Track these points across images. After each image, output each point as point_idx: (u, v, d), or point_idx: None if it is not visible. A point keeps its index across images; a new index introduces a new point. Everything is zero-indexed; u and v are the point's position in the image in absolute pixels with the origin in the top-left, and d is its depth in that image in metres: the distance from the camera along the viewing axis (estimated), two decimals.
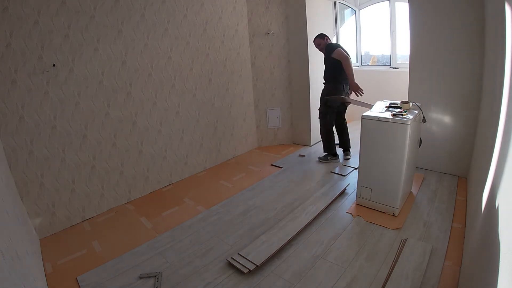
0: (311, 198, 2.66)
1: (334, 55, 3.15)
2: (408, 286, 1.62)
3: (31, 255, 1.64)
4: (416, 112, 2.27)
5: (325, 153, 3.55)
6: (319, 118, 3.47)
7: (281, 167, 3.42)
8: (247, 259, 1.90)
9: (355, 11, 5.28)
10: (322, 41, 3.35)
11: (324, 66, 3.42)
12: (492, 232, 1.03)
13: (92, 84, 2.50)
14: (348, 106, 5.54)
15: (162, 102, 3.00)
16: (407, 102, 2.31)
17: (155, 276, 1.85)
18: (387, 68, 4.96)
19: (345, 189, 2.78)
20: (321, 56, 4.05)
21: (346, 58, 3.10)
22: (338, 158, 3.50)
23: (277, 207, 2.59)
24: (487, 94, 2.11)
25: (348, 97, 3.32)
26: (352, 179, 2.96)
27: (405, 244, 1.95)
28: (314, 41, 3.39)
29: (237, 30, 3.62)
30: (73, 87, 2.40)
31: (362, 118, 2.29)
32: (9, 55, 2.07)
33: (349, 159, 3.52)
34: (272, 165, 3.53)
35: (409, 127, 2.09)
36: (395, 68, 4.79)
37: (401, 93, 3.46)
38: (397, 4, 4.61)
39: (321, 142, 3.81)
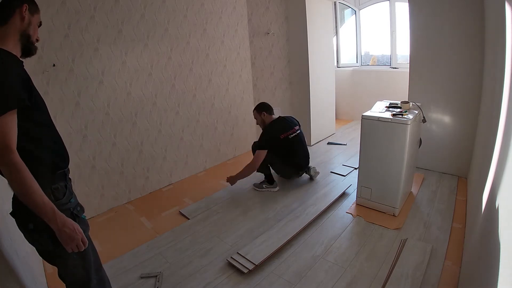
0: (312, 198, 2.67)
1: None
2: (408, 286, 1.62)
3: (31, 255, 1.64)
4: (416, 112, 2.27)
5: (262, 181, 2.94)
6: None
7: None
8: (246, 259, 1.90)
9: (355, 11, 5.29)
10: (258, 116, 2.90)
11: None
12: (492, 232, 1.03)
13: (92, 84, 2.50)
14: (347, 104, 5.53)
15: (162, 102, 3.00)
16: (407, 102, 2.31)
17: (156, 276, 1.85)
18: (387, 68, 4.96)
19: (345, 190, 2.77)
20: (320, 55, 4.07)
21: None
22: (275, 186, 2.88)
23: (277, 207, 2.59)
24: (487, 94, 2.11)
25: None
26: (352, 179, 2.96)
27: (405, 244, 1.96)
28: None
29: (237, 30, 3.61)
30: (73, 87, 2.40)
31: (362, 118, 2.29)
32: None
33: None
34: None
35: (409, 127, 2.09)
36: (395, 68, 4.79)
37: (401, 93, 3.46)
38: (397, 4, 4.62)
39: (319, 143, 3.82)
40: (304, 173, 3.09)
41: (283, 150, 2.79)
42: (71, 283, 1.18)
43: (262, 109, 2.90)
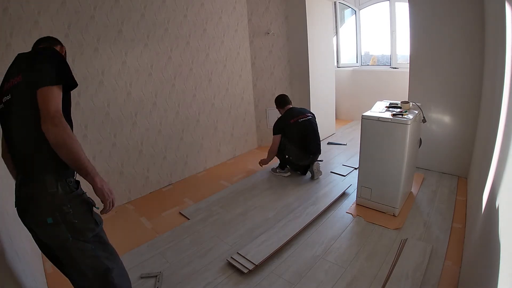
0: (312, 198, 2.67)
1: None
2: (408, 286, 1.62)
3: (31, 255, 1.64)
4: (416, 112, 2.27)
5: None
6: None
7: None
8: (246, 259, 1.90)
9: (355, 11, 5.29)
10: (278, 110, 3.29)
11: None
12: (492, 232, 1.03)
13: (92, 84, 2.50)
14: (347, 104, 5.51)
15: (162, 102, 3.00)
16: (407, 102, 2.31)
17: (156, 276, 1.85)
18: (387, 68, 4.96)
19: (345, 190, 2.77)
20: (320, 55, 4.07)
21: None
22: (286, 171, 3.25)
23: (277, 207, 2.59)
24: (487, 93, 2.11)
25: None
26: (352, 179, 2.96)
27: (405, 244, 1.95)
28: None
29: (237, 30, 3.61)
30: None
31: (362, 118, 2.29)
32: (9, 55, 2.07)
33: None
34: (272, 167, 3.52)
35: (409, 127, 2.09)
36: (395, 68, 4.79)
37: (401, 93, 3.46)
38: (397, 4, 4.62)
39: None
40: (308, 172, 3.15)
41: (295, 133, 3.04)
42: (94, 274, 1.13)
43: (276, 105, 3.30)
